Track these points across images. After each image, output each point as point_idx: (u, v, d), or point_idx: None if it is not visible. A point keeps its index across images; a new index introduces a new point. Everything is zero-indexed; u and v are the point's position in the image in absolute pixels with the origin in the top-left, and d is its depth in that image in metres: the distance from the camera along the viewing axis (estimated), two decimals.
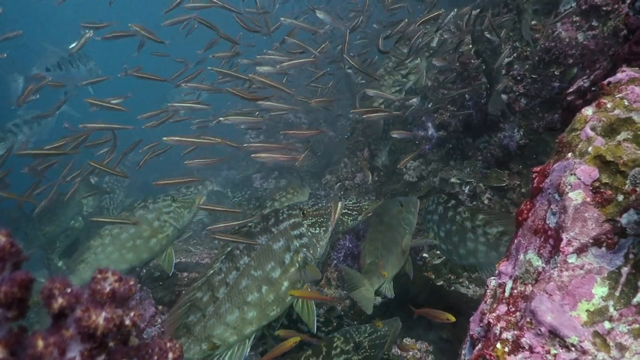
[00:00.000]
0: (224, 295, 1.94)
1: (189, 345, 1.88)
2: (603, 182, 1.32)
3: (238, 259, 1.98)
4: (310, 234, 2.13)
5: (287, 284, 2.02)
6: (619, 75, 1.48)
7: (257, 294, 1.96)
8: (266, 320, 2.05)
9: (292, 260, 2.03)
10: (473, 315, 1.62)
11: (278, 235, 2.05)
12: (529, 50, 4.00)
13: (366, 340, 2.36)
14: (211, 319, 1.91)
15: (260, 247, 2.02)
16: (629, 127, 1.37)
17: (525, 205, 1.56)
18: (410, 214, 3.07)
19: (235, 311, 1.93)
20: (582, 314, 1.24)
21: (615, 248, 1.27)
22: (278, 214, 2.15)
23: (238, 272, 1.96)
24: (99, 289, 0.55)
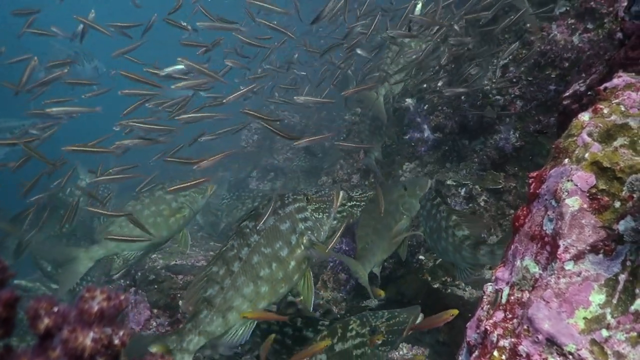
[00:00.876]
0: (239, 269, 2.02)
1: (211, 317, 1.94)
2: (600, 188, 1.31)
3: (248, 236, 2.06)
4: (314, 219, 2.22)
5: (294, 263, 2.11)
6: (616, 81, 1.48)
7: (268, 270, 2.04)
8: (276, 296, 2.13)
9: (297, 242, 2.12)
10: (470, 321, 1.61)
11: (284, 217, 2.14)
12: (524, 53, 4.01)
13: (383, 325, 2.36)
14: (229, 291, 1.98)
15: (268, 227, 2.10)
16: (626, 133, 1.36)
17: (521, 211, 1.55)
18: (413, 197, 2.99)
19: (250, 284, 2.00)
20: (580, 321, 1.23)
21: (612, 255, 1.27)
22: (284, 198, 2.25)
23: (249, 249, 2.04)
24: (86, 308, 0.53)
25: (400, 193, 3.00)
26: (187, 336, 1.90)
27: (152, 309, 3.98)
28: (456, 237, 2.92)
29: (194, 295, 1.97)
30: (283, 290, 2.15)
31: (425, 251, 4.24)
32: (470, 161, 4.46)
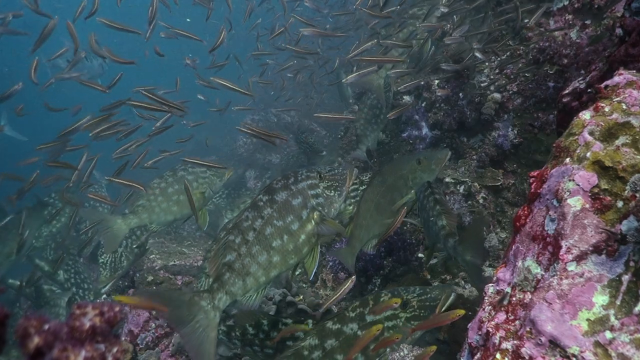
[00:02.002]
0: (253, 238, 2.14)
1: (234, 279, 2.09)
2: (602, 188, 1.30)
3: (262, 209, 2.17)
4: (325, 196, 2.30)
5: (304, 237, 2.21)
6: (617, 79, 1.46)
7: (280, 241, 2.16)
8: (286, 266, 2.23)
9: (308, 217, 2.21)
10: (471, 322, 1.59)
11: (297, 192, 2.24)
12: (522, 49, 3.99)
13: (415, 299, 2.36)
14: (246, 257, 2.11)
15: (281, 202, 2.20)
16: (628, 132, 1.34)
17: (522, 211, 1.53)
18: (426, 172, 2.86)
19: (264, 253, 2.13)
20: (583, 323, 1.22)
21: (615, 255, 1.25)
22: (297, 174, 2.34)
23: (263, 220, 2.15)
24: (77, 325, 0.51)
25: (412, 167, 2.86)
26: (217, 294, 2.03)
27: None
28: (437, 225, 3.02)
29: (216, 260, 2.10)
30: (293, 262, 2.23)
31: (424, 249, 4.23)
32: (469, 158, 4.44)
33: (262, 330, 2.87)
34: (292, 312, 3.46)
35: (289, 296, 3.52)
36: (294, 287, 3.85)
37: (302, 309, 3.41)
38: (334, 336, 2.29)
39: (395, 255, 3.92)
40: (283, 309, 3.49)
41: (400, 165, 2.94)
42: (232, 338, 2.95)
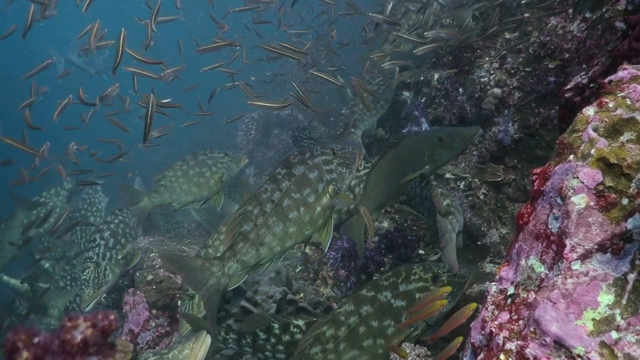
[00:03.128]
0: (271, 210, 2.22)
1: (247, 249, 2.18)
2: (607, 185, 1.27)
3: (280, 182, 2.26)
4: (338, 171, 2.41)
5: (320, 209, 2.30)
6: (621, 74, 1.43)
7: (296, 213, 2.24)
8: (301, 237, 2.31)
9: (324, 190, 2.31)
10: (474, 321, 1.57)
11: (313, 167, 2.33)
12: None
13: (445, 275, 2.42)
14: (262, 228, 2.19)
15: (299, 175, 2.29)
16: (632, 128, 1.32)
17: (525, 209, 1.51)
18: (447, 150, 2.76)
19: (280, 224, 2.21)
20: (588, 323, 1.20)
21: (620, 254, 1.23)
22: (312, 150, 2.44)
23: (281, 193, 2.24)
24: (68, 338, 0.49)
25: (432, 143, 2.77)
26: (227, 262, 2.15)
27: (151, 309, 3.95)
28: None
29: (232, 229, 2.20)
30: (308, 232, 2.31)
31: (425, 245, 4.21)
32: (469, 154, 4.41)
33: (273, 335, 2.86)
34: (292, 310, 3.45)
35: (290, 294, 3.51)
36: (294, 285, 3.83)
37: (303, 307, 3.40)
38: (369, 303, 2.38)
39: (395, 252, 3.90)
40: (284, 307, 3.47)
41: (420, 139, 2.88)
42: (242, 346, 2.93)
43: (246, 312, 3.38)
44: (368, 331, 2.34)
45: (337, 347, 2.36)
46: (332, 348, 2.36)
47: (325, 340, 2.37)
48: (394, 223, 4.39)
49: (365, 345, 2.34)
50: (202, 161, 4.34)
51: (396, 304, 2.36)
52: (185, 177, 4.29)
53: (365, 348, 2.34)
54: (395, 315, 2.34)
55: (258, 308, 3.41)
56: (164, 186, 4.25)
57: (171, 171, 4.32)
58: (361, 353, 2.34)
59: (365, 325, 2.35)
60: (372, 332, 2.34)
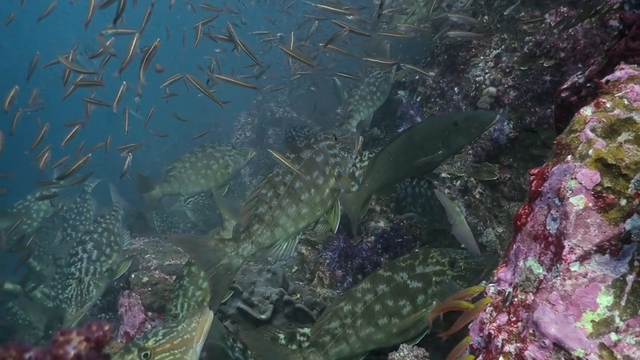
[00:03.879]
0: (284, 192, 2.30)
1: (262, 230, 2.25)
2: (605, 186, 1.27)
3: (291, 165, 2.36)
4: (341, 155, 2.50)
5: (328, 190, 2.39)
6: (618, 73, 1.43)
7: (308, 194, 2.32)
8: (313, 218, 2.39)
9: (330, 172, 2.40)
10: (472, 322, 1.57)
11: (319, 151, 2.43)
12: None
13: (462, 261, 2.44)
14: (276, 210, 2.27)
15: (307, 158, 2.39)
16: (630, 128, 1.32)
17: (523, 210, 1.50)
18: (463, 135, 2.72)
19: (294, 206, 2.29)
20: (587, 324, 1.19)
21: (619, 255, 1.23)
22: (316, 136, 2.53)
23: (292, 175, 2.33)
24: (61, 354, 0.48)
25: (447, 127, 2.73)
26: (242, 244, 2.21)
27: (147, 311, 3.92)
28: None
29: (247, 212, 2.27)
30: (319, 213, 2.39)
31: (421, 245, 4.21)
32: (465, 153, 4.41)
33: None
34: (289, 311, 3.43)
35: (286, 295, 3.49)
36: (290, 286, 3.81)
37: (300, 307, 3.38)
38: (385, 282, 2.43)
39: (392, 251, 3.90)
40: (280, 308, 3.46)
41: (434, 124, 2.85)
42: (248, 357, 2.91)
43: (242, 314, 3.37)
44: (383, 310, 2.39)
45: (355, 322, 2.41)
46: (349, 323, 2.41)
47: (344, 315, 2.43)
48: (391, 223, 4.39)
49: (381, 324, 2.38)
50: (209, 154, 4.47)
51: (412, 285, 2.40)
52: (194, 169, 4.43)
53: (380, 326, 2.38)
54: (410, 296, 2.38)
55: (254, 309, 3.39)
56: (174, 177, 4.41)
57: (180, 162, 4.45)
58: (376, 330, 2.39)
59: (381, 303, 2.40)
60: (388, 311, 2.38)
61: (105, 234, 3.99)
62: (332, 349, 2.42)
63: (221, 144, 4.68)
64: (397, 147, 2.88)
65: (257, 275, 3.78)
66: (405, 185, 3.60)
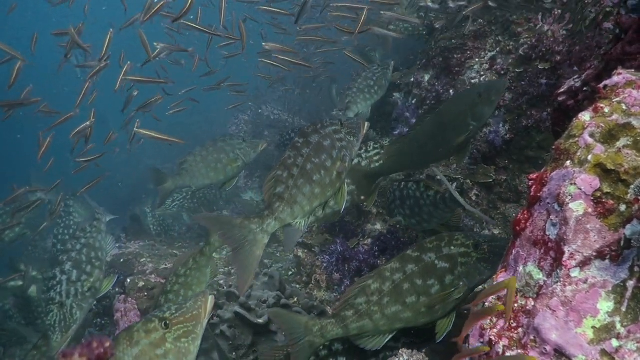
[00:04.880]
0: (298, 172, 2.40)
1: (283, 208, 2.34)
2: (605, 191, 1.27)
3: (300, 149, 2.45)
4: (347, 140, 2.61)
5: (336, 173, 2.50)
6: (615, 78, 1.43)
7: (318, 175, 2.43)
8: (325, 198, 2.50)
9: (337, 155, 2.52)
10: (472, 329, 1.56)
11: (326, 135, 2.54)
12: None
13: (486, 244, 2.48)
14: (293, 189, 2.37)
15: (315, 142, 2.49)
16: (629, 133, 1.32)
17: (522, 215, 1.50)
18: (487, 105, 2.78)
19: (308, 185, 2.40)
20: (588, 331, 1.19)
21: (619, 260, 1.23)
22: (322, 122, 2.62)
23: (303, 158, 2.43)
24: None
25: (473, 101, 2.79)
26: (266, 220, 2.30)
27: (143, 316, 3.89)
28: (430, 196, 3.35)
29: (269, 191, 2.39)
30: (329, 194, 2.50)
31: None
32: None
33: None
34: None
35: (284, 299, 3.48)
36: (287, 289, 3.80)
37: (297, 311, 3.37)
38: (413, 262, 2.47)
39: (389, 254, 3.90)
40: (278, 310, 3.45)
41: (459, 101, 2.90)
42: None
43: (240, 318, 3.35)
44: (412, 288, 2.43)
45: (381, 300, 2.44)
46: (376, 300, 2.45)
47: (371, 293, 2.46)
48: (387, 225, 4.39)
49: (409, 302, 2.42)
50: (220, 147, 4.62)
51: (440, 266, 2.44)
52: (204, 162, 4.58)
53: (408, 304, 2.42)
54: (438, 276, 2.42)
55: (252, 313, 3.38)
56: (185, 170, 4.58)
57: (192, 156, 4.62)
58: (404, 309, 2.43)
59: (410, 282, 2.44)
60: (416, 290, 2.42)
61: (85, 251, 3.73)
62: (353, 324, 2.45)
63: (232, 137, 4.82)
64: (427, 131, 2.94)
65: (254, 278, 3.77)
66: (393, 188, 3.69)
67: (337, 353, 2.74)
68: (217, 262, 5.40)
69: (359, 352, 2.65)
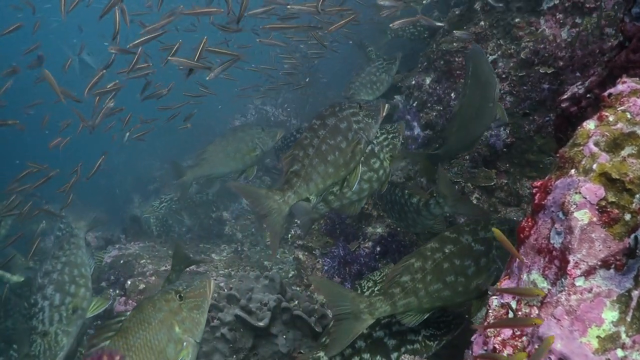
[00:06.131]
0: (313, 152, 2.56)
1: (300, 183, 2.52)
2: (609, 200, 1.27)
3: (317, 130, 2.61)
4: (365, 122, 2.72)
5: (351, 154, 2.64)
6: (620, 87, 1.44)
7: (333, 156, 2.58)
8: (338, 177, 2.65)
9: (353, 137, 2.65)
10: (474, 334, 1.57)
11: (342, 118, 2.67)
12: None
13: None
14: (309, 167, 2.54)
15: (331, 125, 2.64)
16: (633, 142, 1.32)
17: (526, 222, 1.51)
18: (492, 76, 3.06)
19: (322, 165, 2.56)
20: (593, 340, 1.19)
21: (623, 270, 1.23)
22: (341, 105, 2.75)
23: (319, 139, 2.59)
24: None
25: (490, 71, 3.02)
26: (286, 193, 2.51)
27: None
28: (413, 203, 3.49)
29: (286, 169, 2.57)
30: (343, 174, 2.66)
31: None
32: (462, 158, 4.43)
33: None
34: (287, 318, 3.42)
35: (284, 302, 3.48)
36: (288, 292, 3.80)
37: (298, 315, 3.37)
38: (452, 243, 2.58)
39: (390, 257, 3.90)
40: (278, 315, 3.45)
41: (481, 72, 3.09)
42: None
43: (241, 321, 3.35)
44: (451, 268, 2.52)
45: (425, 278, 2.54)
46: (420, 278, 2.54)
47: (414, 271, 2.56)
48: (388, 228, 4.39)
49: (448, 281, 2.52)
50: (240, 137, 4.77)
51: (476, 248, 2.55)
52: (225, 152, 4.73)
53: (448, 283, 2.52)
54: (475, 258, 2.52)
55: (252, 316, 3.38)
56: (205, 159, 4.71)
57: (212, 146, 4.76)
58: (444, 287, 2.52)
59: (449, 262, 2.54)
60: (455, 270, 2.52)
61: (67, 269, 3.43)
62: (400, 300, 2.53)
63: (251, 126, 4.99)
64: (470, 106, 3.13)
65: (255, 281, 3.77)
66: (385, 193, 3.86)
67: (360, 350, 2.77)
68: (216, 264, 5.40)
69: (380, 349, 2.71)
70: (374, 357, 2.58)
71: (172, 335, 2.00)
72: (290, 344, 3.37)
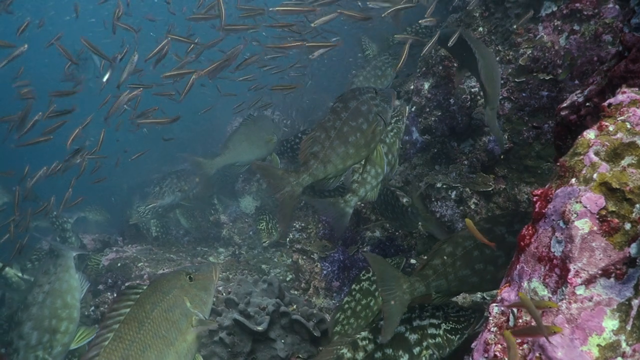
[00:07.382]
0: (334, 134, 2.66)
1: (317, 165, 2.64)
2: (610, 210, 1.29)
3: (339, 113, 2.71)
4: (382, 106, 2.84)
5: (372, 135, 2.75)
6: (620, 97, 1.45)
7: (354, 137, 2.69)
8: (359, 158, 2.76)
9: (373, 119, 2.76)
10: (474, 341, 1.58)
11: (363, 101, 2.78)
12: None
13: None
14: (328, 149, 2.65)
15: (353, 107, 2.75)
16: (633, 152, 1.34)
17: (527, 230, 1.52)
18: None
19: (342, 146, 2.66)
20: (594, 349, 1.20)
21: (624, 279, 1.24)
22: (360, 89, 2.86)
23: (341, 121, 2.68)
24: None
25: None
26: (302, 175, 2.62)
27: None
28: (400, 206, 3.72)
29: (305, 150, 2.67)
30: (364, 154, 2.78)
31: (417, 254, 4.23)
32: (460, 163, 4.44)
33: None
34: (285, 322, 3.42)
35: (283, 306, 3.48)
36: (286, 296, 3.80)
37: (296, 319, 3.37)
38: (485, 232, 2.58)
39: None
40: (277, 319, 3.45)
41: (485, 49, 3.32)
42: None
43: (239, 325, 3.35)
44: (481, 256, 2.58)
45: (455, 263, 2.62)
46: (450, 262, 2.62)
47: (445, 255, 2.65)
48: (386, 232, 4.40)
49: (477, 268, 2.58)
50: (257, 127, 5.13)
51: (509, 239, 2.57)
52: (248, 141, 5.03)
53: (476, 270, 2.58)
54: (506, 249, 2.54)
55: (251, 321, 3.38)
56: (227, 147, 4.98)
57: (237, 135, 5.05)
58: (472, 274, 2.59)
59: (479, 250, 2.59)
60: (485, 258, 2.58)
61: (49, 301, 3.09)
62: (433, 282, 2.63)
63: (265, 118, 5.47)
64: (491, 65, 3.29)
65: (253, 285, 3.77)
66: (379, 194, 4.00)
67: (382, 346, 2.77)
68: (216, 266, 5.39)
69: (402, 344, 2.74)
70: (396, 352, 2.61)
71: (184, 309, 2.13)
72: (289, 349, 3.38)
